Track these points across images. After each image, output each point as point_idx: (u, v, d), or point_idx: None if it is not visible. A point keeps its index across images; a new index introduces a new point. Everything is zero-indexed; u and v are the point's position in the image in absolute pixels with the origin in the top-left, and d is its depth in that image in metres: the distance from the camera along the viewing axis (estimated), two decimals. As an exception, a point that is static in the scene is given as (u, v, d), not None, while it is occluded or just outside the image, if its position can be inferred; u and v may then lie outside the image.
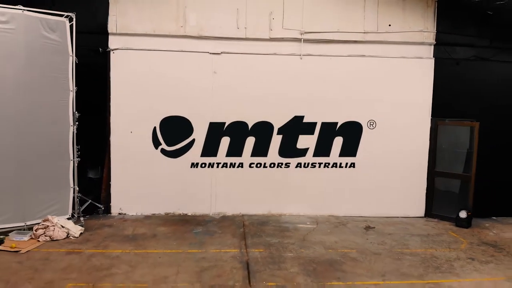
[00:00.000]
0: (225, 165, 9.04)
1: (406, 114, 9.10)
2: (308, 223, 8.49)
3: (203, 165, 8.98)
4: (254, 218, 8.70)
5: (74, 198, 8.02)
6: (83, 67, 8.00)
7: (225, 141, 8.99)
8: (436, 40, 9.05)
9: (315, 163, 9.17)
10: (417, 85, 9.08)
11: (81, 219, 7.99)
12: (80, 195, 8.22)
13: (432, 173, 9.17)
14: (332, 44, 8.90)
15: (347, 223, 8.57)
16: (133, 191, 8.76)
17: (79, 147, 8.03)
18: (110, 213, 8.68)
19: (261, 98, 8.90)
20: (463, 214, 8.51)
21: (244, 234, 7.67)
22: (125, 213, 8.73)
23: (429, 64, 9.05)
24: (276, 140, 9.06)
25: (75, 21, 7.80)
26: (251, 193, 9.05)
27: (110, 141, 8.65)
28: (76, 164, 7.99)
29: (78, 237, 7.22)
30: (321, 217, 8.90)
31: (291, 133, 9.06)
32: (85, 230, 7.52)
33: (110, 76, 8.57)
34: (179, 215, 8.77)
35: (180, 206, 8.87)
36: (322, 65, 8.93)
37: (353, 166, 9.22)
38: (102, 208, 8.64)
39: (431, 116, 9.10)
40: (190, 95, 8.78)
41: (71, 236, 7.20)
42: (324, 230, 8.06)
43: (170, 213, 8.83)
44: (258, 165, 9.10)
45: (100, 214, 8.58)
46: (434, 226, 8.54)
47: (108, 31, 8.53)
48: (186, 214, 8.84)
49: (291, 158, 9.12)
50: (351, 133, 9.15)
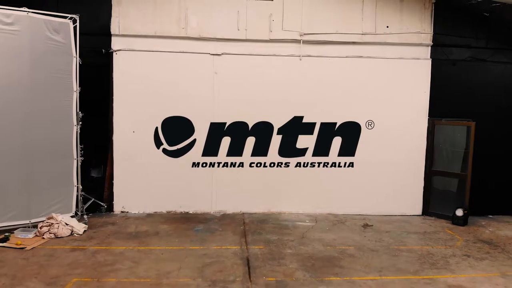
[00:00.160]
0: (226, 165, 9.19)
1: (404, 114, 9.26)
2: (307, 221, 8.64)
3: (204, 165, 9.13)
4: (254, 216, 8.86)
5: (78, 197, 8.17)
6: (87, 68, 8.16)
7: (226, 141, 9.14)
8: (433, 42, 9.21)
9: (314, 163, 9.32)
10: (414, 86, 9.24)
11: (85, 217, 8.14)
12: (84, 194, 8.37)
13: (429, 172, 9.33)
14: (331, 45, 9.05)
15: (346, 221, 8.72)
16: (135, 190, 8.92)
17: (83, 147, 8.18)
18: (113, 211, 8.84)
19: (261, 99, 9.05)
20: (460, 212, 8.66)
21: (245, 232, 7.82)
22: (128, 211, 8.89)
23: (426, 65, 9.21)
24: (276, 140, 9.21)
25: (79, 23, 7.97)
26: (251, 192, 9.20)
27: (113, 141, 8.81)
28: (80, 163, 8.15)
29: (82, 235, 7.38)
30: (320, 215, 9.06)
31: (291, 133, 9.21)
32: (89, 228, 7.69)
33: (113, 77, 8.73)
34: (181, 213, 8.93)
35: (182, 205, 9.03)
36: (321, 66, 9.09)
37: (352, 166, 9.36)
38: (105, 207, 8.80)
39: (428, 116, 9.26)
40: (191, 96, 8.94)
41: (75, 234, 7.36)
42: (323, 228, 8.22)
43: (172, 211, 8.98)
44: (258, 165, 9.25)
45: (103, 212, 8.74)
46: (431, 224, 8.69)
47: (111, 33, 8.69)
48: (188, 212, 8.99)
49: (291, 158, 9.27)
50: (350, 133, 9.30)
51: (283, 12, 8.87)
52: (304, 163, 9.31)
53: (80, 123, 8.08)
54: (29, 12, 7.39)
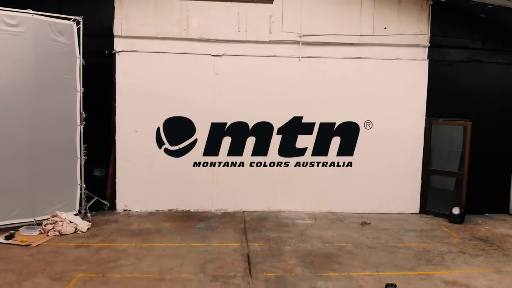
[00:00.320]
0: (227, 164, 9.33)
1: (401, 114, 9.41)
2: (306, 219, 8.79)
3: (205, 164, 9.27)
4: (255, 214, 9.01)
5: (81, 195, 8.32)
6: (90, 69, 8.30)
7: (227, 141, 9.28)
8: (430, 43, 9.36)
9: (314, 162, 9.46)
10: (412, 86, 9.39)
11: (88, 215, 8.28)
12: (87, 192, 8.51)
13: (427, 171, 9.48)
14: (330, 47, 9.20)
15: (344, 219, 8.87)
16: (138, 189, 9.06)
17: (86, 146, 8.32)
18: (116, 210, 8.99)
19: (261, 99, 9.20)
20: (456, 211, 8.81)
21: (245, 229, 7.97)
22: (130, 210, 9.04)
23: (424, 66, 9.36)
24: (276, 140, 9.36)
25: (82, 25, 8.11)
26: (252, 191, 9.35)
27: (116, 140, 8.96)
28: (83, 162, 8.29)
29: (86, 232, 7.53)
30: (319, 214, 9.21)
31: (291, 133, 9.35)
32: (92, 226, 7.83)
33: (116, 77, 8.88)
34: (182, 212, 9.08)
35: (183, 203, 9.17)
36: (320, 67, 9.24)
37: (350, 165, 9.51)
38: (108, 205, 8.95)
39: (425, 116, 9.41)
40: (193, 96, 9.08)
41: (79, 231, 7.51)
42: (322, 226, 8.37)
43: (173, 210, 9.13)
44: (259, 164, 9.39)
45: (106, 211, 8.89)
46: (428, 222, 8.84)
47: (114, 34, 8.84)
48: (189, 211, 9.14)
49: (291, 158, 9.42)
50: (349, 133, 9.44)
51: (283, 14, 9.01)
52: (304, 163, 9.45)
53: (84, 123, 8.23)
54: (34, 14, 7.53)
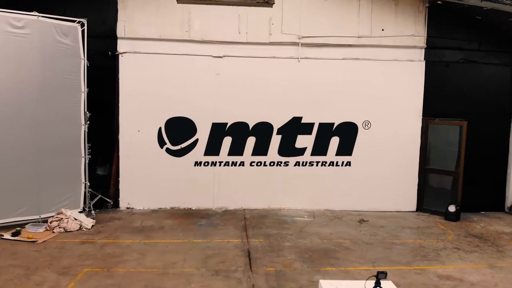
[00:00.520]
0: (227, 164, 9.51)
1: (399, 114, 9.58)
2: (305, 217, 8.98)
3: (206, 164, 9.45)
4: (255, 212, 9.20)
5: (85, 193, 8.51)
6: (94, 70, 8.50)
7: (227, 141, 9.46)
8: (427, 44, 9.54)
9: (313, 162, 9.64)
10: (409, 87, 9.57)
11: (92, 213, 8.48)
12: (91, 190, 8.70)
13: (423, 170, 9.66)
14: (328, 48, 9.38)
15: (342, 217, 9.06)
16: (140, 187, 9.25)
17: (90, 145, 8.51)
18: (119, 207, 9.18)
19: (261, 99, 9.38)
20: (452, 208, 8.99)
21: (245, 226, 8.17)
22: (133, 207, 9.22)
23: (420, 67, 9.54)
24: (276, 140, 9.53)
25: (87, 27, 8.31)
26: (252, 189, 9.52)
27: (119, 140, 9.14)
28: (87, 161, 8.49)
29: (90, 229, 7.72)
30: (318, 211, 9.40)
31: (290, 133, 9.53)
32: (96, 223, 8.03)
33: (119, 78, 9.06)
34: (184, 209, 9.27)
35: (185, 201, 9.36)
36: (319, 68, 9.41)
37: (349, 165, 9.68)
38: (111, 203, 9.13)
39: (422, 116, 9.59)
40: (194, 97, 9.26)
41: (84, 228, 7.70)
42: (320, 223, 8.56)
43: (175, 207, 9.31)
44: (259, 164, 9.57)
45: (109, 208, 9.07)
46: (425, 220, 9.03)
47: (117, 36, 9.02)
48: (191, 208, 9.33)
49: (290, 157, 9.59)
50: (347, 133, 9.62)
51: (282, 16, 9.19)
52: (303, 162, 9.62)
53: (88, 122, 8.42)
54: (39, 16, 7.72)
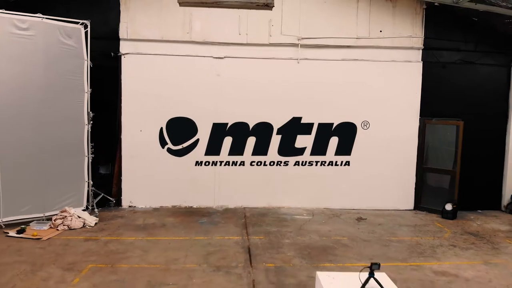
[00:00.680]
0: (228, 163, 9.65)
1: (397, 115, 9.73)
2: (305, 215, 9.13)
3: (207, 163, 9.60)
4: (255, 210, 9.35)
5: (89, 192, 8.68)
6: (97, 70, 8.65)
7: (228, 141, 9.61)
8: (424, 45, 9.70)
9: (312, 162, 9.79)
10: (407, 87, 9.72)
11: (95, 211, 8.63)
12: (94, 189, 8.86)
13: (421, 169, 9.81)
14: (327, 49, 9.53)
15: (341, 215, 9.21)
16: (142, 186, 9.39)
17: (93, 145, 8.67)
18: (121, 206, 9.33)
19: (262, 100, 9.52)
20: (449, 207, 9.14)
21: (246, 224, 8.32)
22: (135, 206, 9.38)
23: (418, 68, 9.70)
24: (276, 140, 9.68)
25: (90, 28, 8.46)
26: (252, 188, 9.67)
27: (121, 139, 9.29)
28: (90, 160, 8.64)
29: (94, 227, 7.87)
30: (317, 210, 9.55)
31: (290, 133, 9.67)
32: (99, 221, 8.18)
33: (121, 79, 9.22)
34: (185, 208, 9.43)
35: (186, 200, 9.51)
36: (318, 69, 9.56)
37: (348, 164, 9.83)
38: (114, 201, 9.29)
39: (420, 116, 9.74)
40: (195, 97, 9.41)
41: (87, 226, 7.85)
42: (319, 221, 8.72)
43: (177, 206, 9.47)
44: (259, 163, 9.71)
45: (112, 207, 9.24)
46: (422, 218, 9.18)
47: (120, 37, 9.18)
48: (192, 207, 9.48)
49: (290, 157, 9.74)
50: (346, 133, 9.76)
51: (282, 18, 9.33)
52: (303, 162, 9.77)
53: (91, 122, 8.57)
54: (43, 18, 7.89)
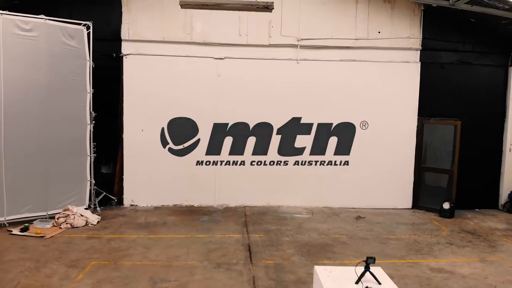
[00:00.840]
0: (228, 163, 9.77)
1: (395, 115, 9.85)
2: (304, 213, 9.25)
3: (208, 163, 9.71)
4: (255, 209, 9.47)
5: (91, 191, 8.79)
6: (99, 71, 8.77)
7: (228, 141, 9.72)
8: (422, 46, 9.81)
9: (312, 161, 9.90)
10: (405, 87, 9.83)
11: (98, 209, 8.75)
12: (96, 188, 8.97)
13: (419, 168, 9.92)
14: (326, 50, 9.65)
15: (340, 214, 9.33)
16: (144, 185, 9.51)
17: (95, 144, 8.78)
18: (123, 205, 9.45)
19: (262, 100, 9.64)
20: (447, 206, 9.25)
21: (246, 222, 8.44)
22: (137, 205, 9.49)
23: (416, 68, 9.81)
24: (276, 140, 9.79)
25: (92, 29, 8.56)
26: (252, 188, 9.78)
27: (123, 139, 9.40)
28: (93, 160, 8.76)
29: (96, 225, 7.99)
30: (316, 208, 9.67)
31: (289, 133, 9.79)
32: (102, 219, 8.30)
33: (123, 79, 9.34)
34: (186, 206, 9.54)
35: (187, 198, 9.62)
36: (318, 69, 9.67)
37: (347, 164, 9.94)
38: (115, 200, 9.41)
39: (418, 116, 9.85)
40: (196, 97, 9.52)
41: (90, 224, 7.97)
42: (318, 219, 8.83)
43: (178, 205, 9.58)
44: (259, 163, 9.82)
45: (114, 206, 9.35)
46: (420, 217, 9.29)
47: (121, 38, 9.30)
48: (193, 206, 9.60)
49: (289, 157, 9.85)
50: (345, 133, 9.88)
51: (282, 19, 9.45)
52: (302, 162, 9.88)
53: (93, 122, 8.68)
54: (46, 20, 8.00)
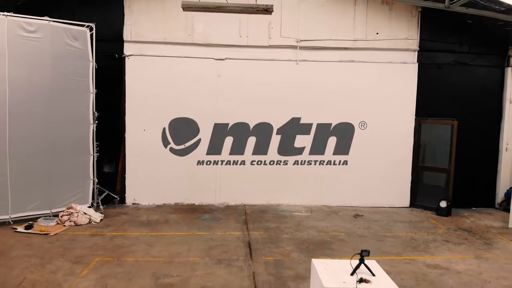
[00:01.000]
0: (229, 163, 9.92)
1: (393, 114, 9.99)
2: (303, 212, 9.40)
3: (208, 163, 9.86)
4: (255, 207, 9.63)
5: (94, 189, 8.94)
6: (102, 71, 8.92)
7: (229, 141, 9.87)
8: (420, 47, 9.96)
9: (311, 161, 10.04)
10: (402, 88, 9.98)
11: (101, 208, 8.91)
12: (99, 187, 9.12)
13: (416, 168, 10.07)
14: (325, 51, 9.80)
15: (338, 212, 9.48)
16: (146, 184, 9.66)
17: (98, 143, 8.93)
18: (125, 203, 9.60)
19: (262, 101, 9.78)
20: (443, 204, 9.40)
21: (246, 220, 8.59)
22: (139, 203, 9.65)
23: (413, 69, 9.96)
24: (275, 140, 9.94)
25: (95, 30, 8.70)
26: (252, 187, 9.93)
27: (125, 139, 9.55)
28: (96, 159, 8.91)
29: (99, 223, 8.14)
30: (315, 207, 9.82)
31: (289, 133, 9.93)
32: (104, 217, 8.45)
33: (125, 80, 9.48)
34: (187, 205, 9.70)
35: (188, 197, 9.78)
36: (317, 70, 9.82)
37: (346, 164, 10.08)
38: (118, 199, 9.56)
39: (415, 116, 10.00)
40: (197, 98, 9.67)
41: (93, 222, 8.12)
42: (317, 217, 8.98)
43: (179, 203, 9.73)
44: (259, 163, 9.97)
45: (116, 204, 9.50)
46: (417, 215, 9.44)
47: (124, 39, 9.45)
48: (194, 204, 9.75)
49: (289, 156, 10.00)
50: (344, 133, 10.02)
51: (281, 20, 9.59)
52: (302, 161, 10.02)
53: (96, 122, 8.83)
54: (50, 21, 8.15)
